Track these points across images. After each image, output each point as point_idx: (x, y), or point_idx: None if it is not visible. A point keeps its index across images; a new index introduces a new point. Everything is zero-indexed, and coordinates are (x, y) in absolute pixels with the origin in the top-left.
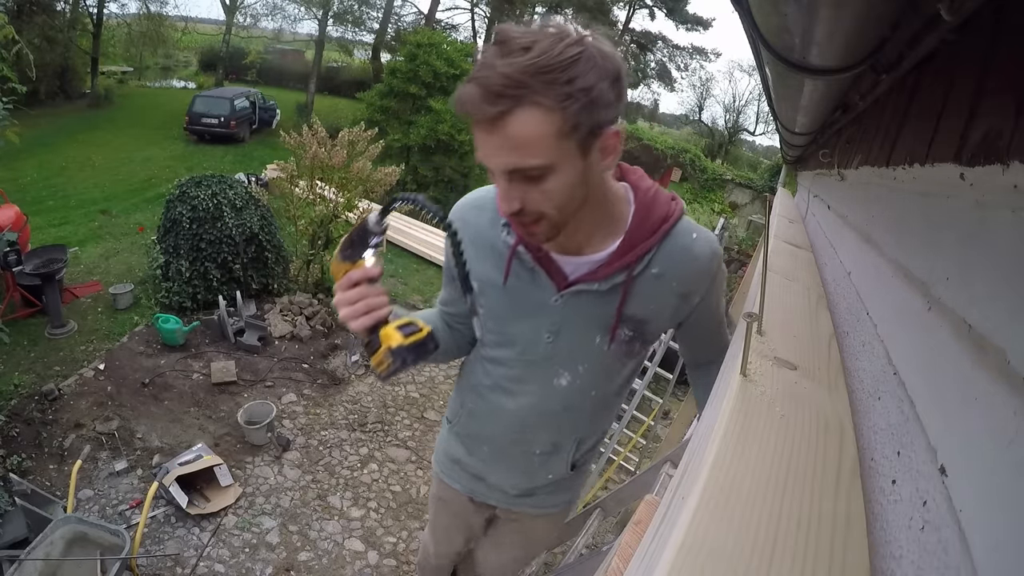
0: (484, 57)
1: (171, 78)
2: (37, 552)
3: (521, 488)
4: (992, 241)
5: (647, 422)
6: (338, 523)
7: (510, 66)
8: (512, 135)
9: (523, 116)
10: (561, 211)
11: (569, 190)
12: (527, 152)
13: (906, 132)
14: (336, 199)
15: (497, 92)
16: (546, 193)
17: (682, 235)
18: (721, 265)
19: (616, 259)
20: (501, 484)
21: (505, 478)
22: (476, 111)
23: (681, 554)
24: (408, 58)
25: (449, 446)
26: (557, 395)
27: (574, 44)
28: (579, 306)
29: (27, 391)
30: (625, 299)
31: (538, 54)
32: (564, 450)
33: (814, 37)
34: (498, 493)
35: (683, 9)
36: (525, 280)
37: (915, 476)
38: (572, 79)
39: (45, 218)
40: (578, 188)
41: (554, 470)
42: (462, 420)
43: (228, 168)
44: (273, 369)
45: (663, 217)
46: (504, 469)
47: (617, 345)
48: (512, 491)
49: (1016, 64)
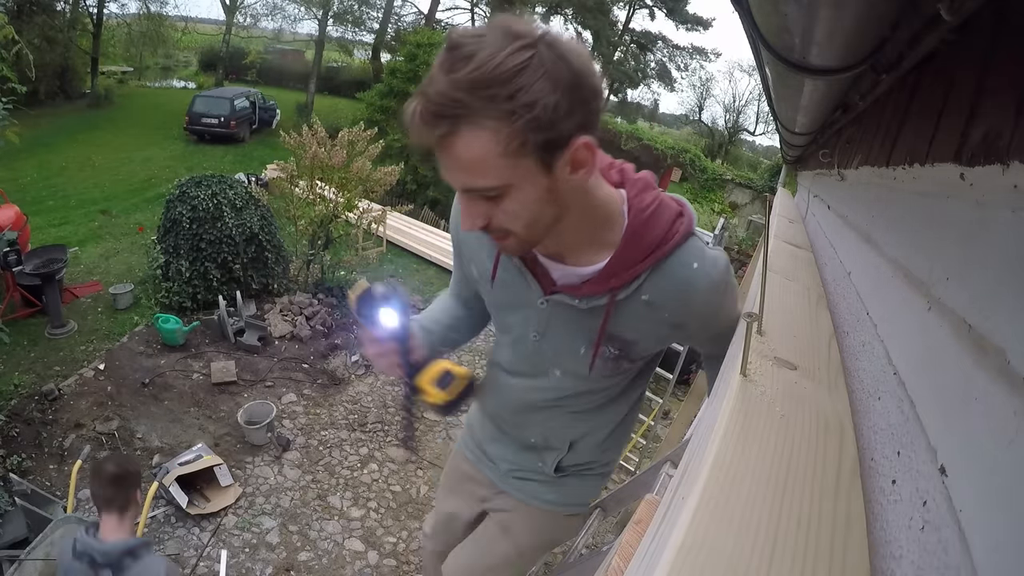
0: (433, 67)
1: (171, 78)
2: (37, 552)
3: (512, 464)
4: (992, 241)
5: (647, 422)
6: (338, 523)
7: (450, 83)
8: (458, 157)
9: (466, 137)
10: (529, 228)
11: (533, 207)
12: (477, 174)
13: (906, 132)
14: (336, 199)
15: (435, 112)
16: (508, 212)
17: (681, 264)
18: (728, 290)
19: (601, 280)
20: (496, 456)
21: (500, 451)
22: (417, 136)
23: (681, 554)
24: (408, 58)
25: (471, 416)
26: (546, 389)
27: (521, 50)
28: (563, 314)
29: (27, 391)
30: (607, 319)
31: (477, 66)
32: (555, 449)
33: (814, 37)
34: (493, 466)
35: (683, 9)
36: (515, 276)
37: (915, 476)
38: (514, 93)
39: (45, 218)
40: (545, 205)
41: (544, 463)
42: (483, 390)
43: (228, 168)
44: (273, 369)
45: (660, 240)
46: (501, 445)
47: (602, 362)
48: (504, 465)
49: (1016, 64)
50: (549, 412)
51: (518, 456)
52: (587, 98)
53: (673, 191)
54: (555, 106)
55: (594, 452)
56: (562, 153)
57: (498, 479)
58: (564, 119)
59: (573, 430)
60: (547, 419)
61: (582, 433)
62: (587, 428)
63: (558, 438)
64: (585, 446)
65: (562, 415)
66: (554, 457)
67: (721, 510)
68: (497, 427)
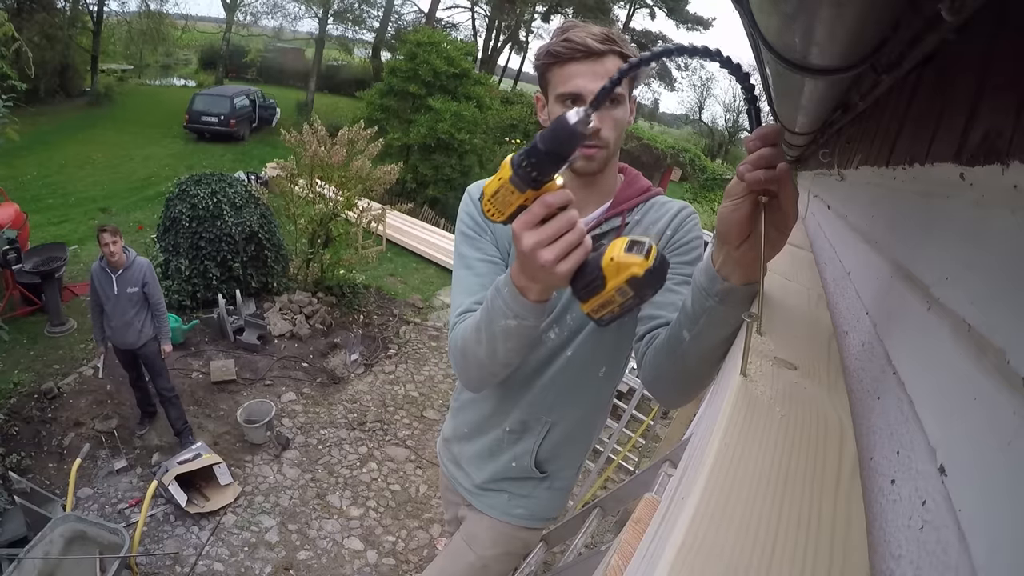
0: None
1: (171, 76)
2: (36, 551)
3: (486, 473)
4: (992, 241)
5: (646, 421)
6: (337, 522)
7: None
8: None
9: (613, 59)
10: (615, 143)
11: (623, 123)
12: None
13: (906, 132)
14: (335, 197)
15: (600, 40)
16: (615, 120)
17: (660, 202)
18: (691, 216)
19: (615, 206)
20: (469, 467)
21: (474, 461)
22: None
23: (681, 554)
24: (408, 57)
25: (445, 428)
26: (539, 358)
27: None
28: None
29: (26, 389)
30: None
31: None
32: (533, 433)
33: (814, 37)
34: (465, 479)
35: (683, 9)
36: None
37: (914, 476)
38: (629, 52)
39: (45, 216)
40: (623, 125)
41: (519, 458)
42: (459, 395)
43: (228, 166)
44: (272, 368)
45: (645, 188)
46: (475, 451)
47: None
48: (477, 477)
49: (1017, 64)
50: (530, 390)
51: (493, 458)
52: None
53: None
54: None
55: (564, 443)
56: (635, 97)
57: (471, 495)
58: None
59: (555, 407)
60: (529, 399)
61: (559, 415)
62: (565, 408)
63: (536, 418)
64: (559, 432)
65: (544, 390)
66: (533, 444)
67: (721, 510)
68: (473, 429)
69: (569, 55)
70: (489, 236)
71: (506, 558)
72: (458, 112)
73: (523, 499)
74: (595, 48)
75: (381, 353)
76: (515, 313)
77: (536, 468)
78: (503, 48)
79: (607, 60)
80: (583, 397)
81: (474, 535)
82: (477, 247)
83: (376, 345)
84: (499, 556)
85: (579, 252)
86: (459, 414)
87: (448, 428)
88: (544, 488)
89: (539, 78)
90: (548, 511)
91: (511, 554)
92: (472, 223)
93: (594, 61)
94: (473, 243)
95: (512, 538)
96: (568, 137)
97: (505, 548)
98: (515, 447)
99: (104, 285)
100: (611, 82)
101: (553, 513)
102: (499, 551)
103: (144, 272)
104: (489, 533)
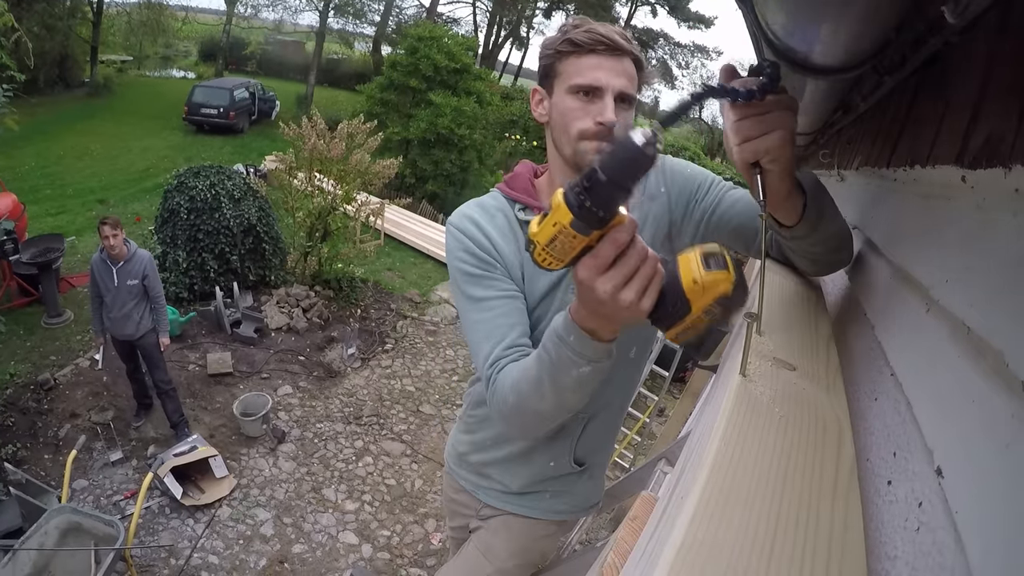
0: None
1: (171, 68)
2: (31, 542)
3: (523, 479)
4: (992, 244)
5: (642, 419)
6: (332, 516)
7: (623, 31)
8: (626, 69)
9: (631, 61)
10: None
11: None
12: (630, 84)
13: (907, 133)
14: (334, 191)
15: (623, 38)
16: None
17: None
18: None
19: None
20: (499, 474)
21: (504, 467)
22: (612, 41)
23: (681, 553)
24: (409, 51)
25: (458, 445)
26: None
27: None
28: None
29: (23, 380)
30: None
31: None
32: (569, 431)
33: (817, 37)
34: (496, 486)
35: (685, 7)
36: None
37: (911, 477)
38: (641, 57)
39: (42, 207)
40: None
41: (557, 457)
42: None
43: (227, 159)
44: (269, 361)
45: None
46: (503, 456)
47: None
48: (512, 484)
49: (1020, 67)
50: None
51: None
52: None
53: None
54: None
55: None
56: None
57: (500, 500)
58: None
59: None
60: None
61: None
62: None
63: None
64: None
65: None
66: (570, 444)
67: (721, 510)
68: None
69: (591, 46)
70: (500, 269)
71: (523, 569)
72: (458, 107)
73: (565, 495)
74: (620, 44)
75: (378, 347)
76: (588, 359)
77: (575, 463)
78: (504, 44)
79: (626, 60)
80: (616, 384)
81: (490, 546)
82: (488, 285)
83: (373, 339)
84: (517, 567)
85: (657, 282)
86: (478, 429)
87: (463, 444)
88: (585, 479)
89: (545, 69)
90: (590, 500)
91: (529, 564)
92: (475, 260)
93: (617, 58)
94: (482, 282)
95: (530, 550)
96: (634, 162)
97: (523, 559)
98: (551, 448)
99: (104, 277)
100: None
101: (596, 500)
102: (517, 562)
103: (145, 265)
104: (507, 545)
